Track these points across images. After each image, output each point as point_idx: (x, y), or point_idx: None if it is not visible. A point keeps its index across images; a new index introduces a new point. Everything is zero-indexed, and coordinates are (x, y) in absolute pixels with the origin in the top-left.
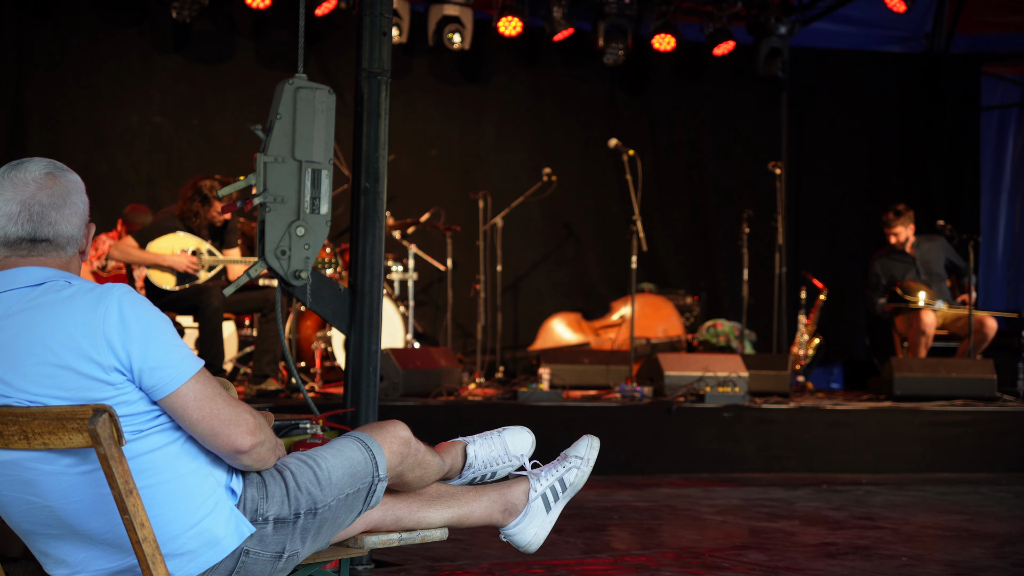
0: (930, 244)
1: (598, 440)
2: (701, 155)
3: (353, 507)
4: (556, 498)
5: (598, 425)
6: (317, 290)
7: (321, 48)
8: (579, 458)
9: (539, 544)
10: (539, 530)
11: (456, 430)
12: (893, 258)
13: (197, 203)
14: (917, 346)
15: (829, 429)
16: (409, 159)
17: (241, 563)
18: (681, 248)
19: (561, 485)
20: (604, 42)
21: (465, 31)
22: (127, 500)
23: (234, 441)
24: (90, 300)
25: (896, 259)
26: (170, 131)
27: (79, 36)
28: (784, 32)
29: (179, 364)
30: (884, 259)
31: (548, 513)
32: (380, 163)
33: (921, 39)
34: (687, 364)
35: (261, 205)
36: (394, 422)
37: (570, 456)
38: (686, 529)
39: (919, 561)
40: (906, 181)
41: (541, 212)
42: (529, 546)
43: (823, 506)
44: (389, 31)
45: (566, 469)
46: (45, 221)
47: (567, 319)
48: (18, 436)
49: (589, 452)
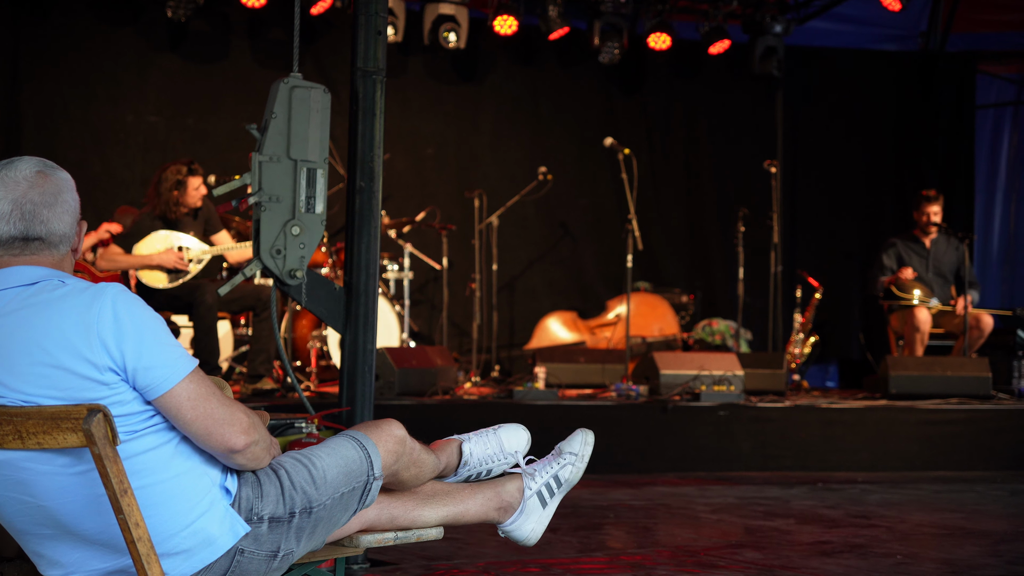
0: (947, 245)
1: (592, 434)
2: (697, 154)
3: (348, 506)
4: (552, 494)
5: (594, 424)
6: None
7: (317, 47)
8: (574, 454)
9: (537, 538)
10: (536, 526)
11: (452, 429)
12: (908, 246)
13: (174, 192)
14: (913, 343)
15: (825, 428)
16: (405, 158)
17: (236, 562)
18: (677, 247)
19: (556, 481)
20: (600, 41)
21: (461, 30)
22: (122, 500)
23: (228, 440)
24: (84, 299)
25: (911, 247)
26: (165, 130)
27: (74, 35)
28: (780, 31)
29: (173, 364)
30: (899, 245)
31: (544, 509)
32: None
33: (916, 38)
34: (683, 363)
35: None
36: (389, 421)
37: (564, 452)
38: (682, 528)
39: (914, 559)
40: (901, 180)
41: (537, 211)
42: (527, 541)
43: (819, 504)
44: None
45: (560, 466)
46: (37, 220)
47: (563, 318)
48: (12, 436)
49: (584, 448)
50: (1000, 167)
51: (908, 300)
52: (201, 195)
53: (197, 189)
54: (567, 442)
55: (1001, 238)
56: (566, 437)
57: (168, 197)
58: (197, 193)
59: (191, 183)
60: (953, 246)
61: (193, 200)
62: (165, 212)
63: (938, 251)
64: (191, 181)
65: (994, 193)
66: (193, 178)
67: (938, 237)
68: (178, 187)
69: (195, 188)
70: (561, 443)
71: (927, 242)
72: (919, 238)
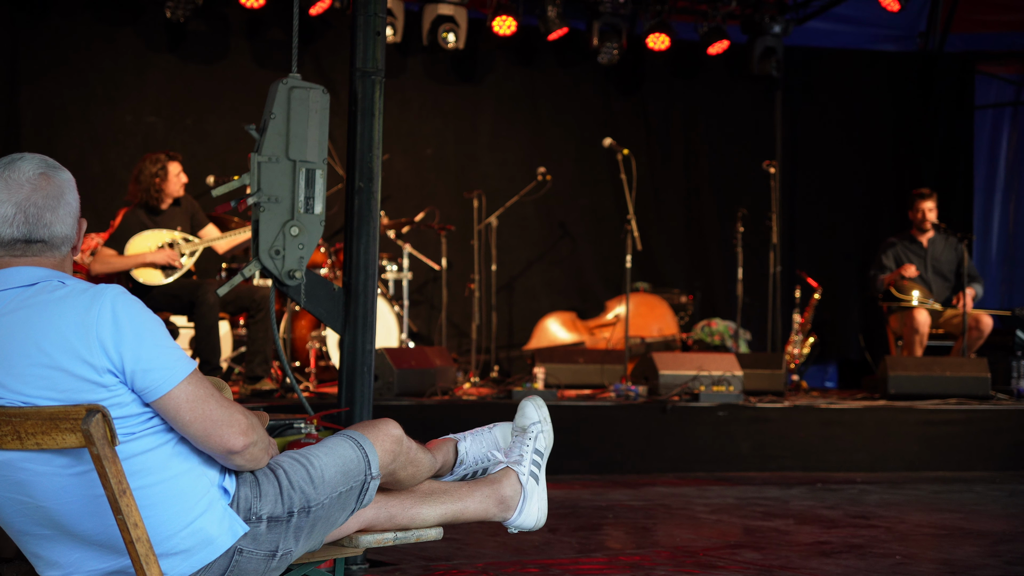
0: (946, 245)
1: (538, 398)
2: (696, 154)
3: (346, 505)
4: (539, 467)
5: (593, 424)
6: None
7: (316, 47)
8: (536, 423)
9: (545, 518)
10: (540, 503)
11: (451, 430)
12: (906, 246)
13: (155, 179)
14: (912, 344)
15: (824, 428)
16: (404, 158)
17: (235, 562)
18: (676, 247)
19: (538, 455)
20: (598, 41)
21: (459, 30)
22: (120, 500)
23: (226, 442)
24: (83, 301)
25: (909, 247)
26: (164, 131)
27: (73, 36)
28: (778, 31)
29: (172, 366)
30: (897, 245)
31: (539, 484)
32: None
33: (915, 38)
34: (682, 363)
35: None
36: (386, 420)
37: (527, 426)
38: (681, 528)
39: (913, 560)
40: (900, 180)
41: (536, 211)
42: (538, 524)
43: (817, 505)
44: (383, 30)
45: (533, 437)
46: (41, 223)
47: (562, 318)
48: (11, 436)
49: (540, 412)
50: (999, 167)
51: (907, 301)
52: (182, 183)
53: (178, 176)
54: (522, 416)
55: (1000, 238)
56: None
57: (149, 184)
58: (178, 180)
59: (171, 168)
60: (952, 246)
61: (174, 188)
62: (147, 200)
63: (936, 250)
64: (171, 167)
65: (993, 193)
66: (172, 164)
67: (936, 236)
68: (159, 174)
69: (175, 175)
70: (513, 421)
71: (924, 241)
72: (916, 237)
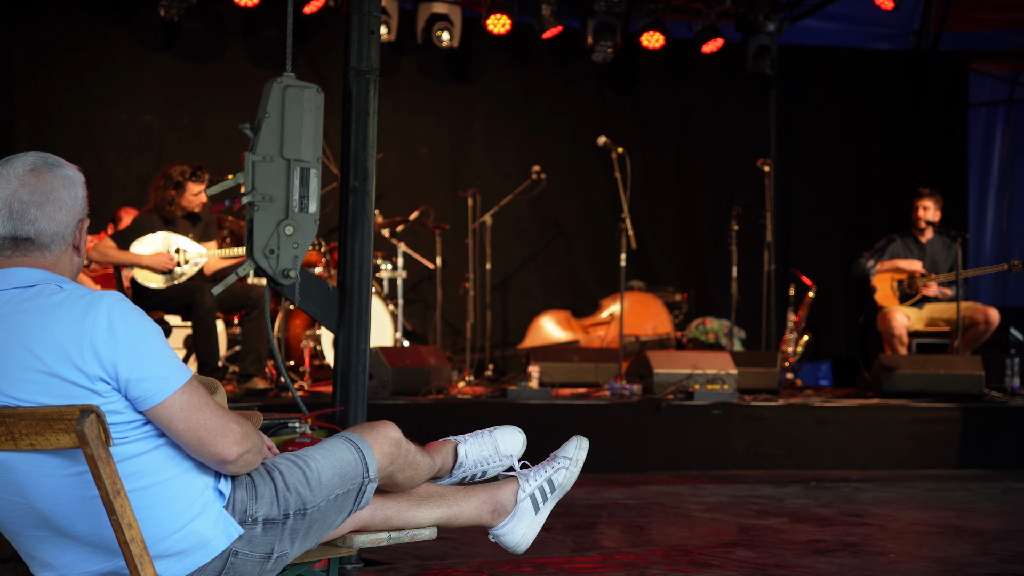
0: (943, 245)
1: (587, 441)
2: (690, 153)
3: (343, 508)
4: (545, 499)
5: (587, 423)
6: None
7: (310, 46)
8: (568, 459)
9: (527, 545)
10: (528, 531)
11: (445, 428)
12: (907, 244)
13: (171, 191)
14: (893, 347)
15: (818, 426)
16: (398, 157)
17: (230, 564)
18: (670, 246)
19: (550, 486)
20: (593, 40)
21: (454, 29)
22: (115, 501)
23: (220, 452)
24: (80, 307)
25: (909, 246)
26: (160, 129)
27: (68, 35)
28: (773, 29)
29: (166, 376)
30: (898, 241)
31: (537, 514)
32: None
33: (909, 36)
34: (676, 362)
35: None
36: (384, 423)
37: (559, 457)
38: (675, 527)
39: (907, 557)
40: (894, 178)
41: (530, 210)
42: (518, 547)
43: (812, 503)
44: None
45: (555, 470)
46: (26, 219)
47: (556, 317)
48: (5, 437)
49: (578, 452)
50: (992, 165)
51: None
52: (200, 202)
53: (196, 195)
54: (562, 448)
55: (994, 236)
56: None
57: (164, 195)
58: (195, 199)
59: (190, 187)
60: (946, 243)
61: (189, 205)
62: (161, 209)
63: (935, 250)
64: (190, 186)
65: (987, 191)
66: (194, 184)
67: (934, 237)
68: (176, 188)
69: (193, 194)
70: (556, 450)
71: (923, 241)
72: (917, 237)
